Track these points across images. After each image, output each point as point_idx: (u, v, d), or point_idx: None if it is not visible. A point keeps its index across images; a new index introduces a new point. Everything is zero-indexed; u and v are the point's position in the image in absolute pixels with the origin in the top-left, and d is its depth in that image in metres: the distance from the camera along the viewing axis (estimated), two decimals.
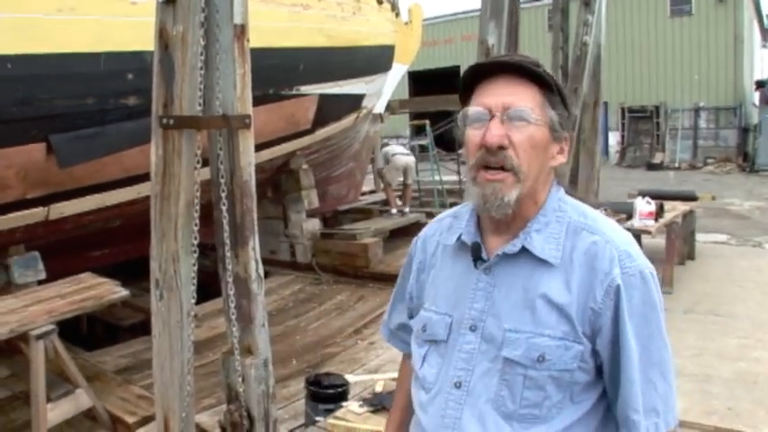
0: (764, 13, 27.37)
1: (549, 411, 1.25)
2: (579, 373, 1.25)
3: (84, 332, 6.92)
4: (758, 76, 24.35)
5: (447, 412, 1.32)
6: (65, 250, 5.90)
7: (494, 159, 1.25)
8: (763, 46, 28.35)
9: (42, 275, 5.27)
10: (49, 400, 3.92)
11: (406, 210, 10.32)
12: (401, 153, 10.50)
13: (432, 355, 1.39)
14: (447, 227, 1.47)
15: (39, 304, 4.18)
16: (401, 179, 10.54)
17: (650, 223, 7.11)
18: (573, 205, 1.35)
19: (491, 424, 1.27)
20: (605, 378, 1.28)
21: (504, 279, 1.31)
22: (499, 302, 1.30)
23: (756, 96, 22.60)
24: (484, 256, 1.34)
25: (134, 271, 6.30)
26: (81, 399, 4.15)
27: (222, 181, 2.52)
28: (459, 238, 1.40)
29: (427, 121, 14.21)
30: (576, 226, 1.30)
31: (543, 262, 1.28)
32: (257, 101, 2.71)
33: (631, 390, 1.23)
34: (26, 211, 4.92)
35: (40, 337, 3.79)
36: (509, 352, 1.27)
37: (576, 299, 1.24)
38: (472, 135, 1.28)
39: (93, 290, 4.48)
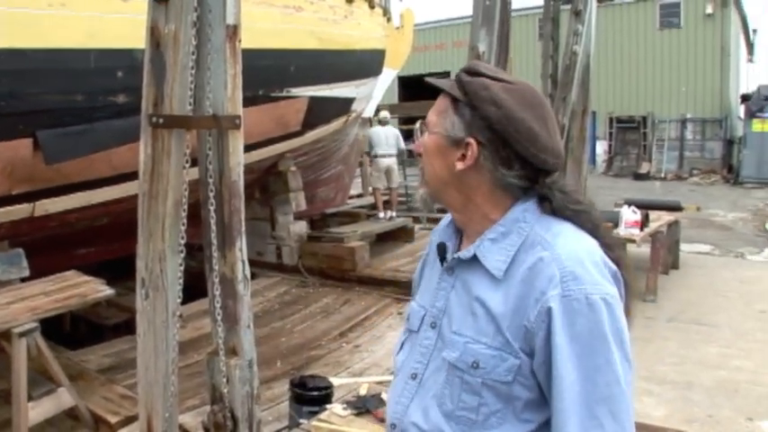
0: (751, 28, 27.63)
1: (488, 419, 1.23)
2: (518, 388, 1.22)
3: (68, 331, 6.86)
4: (743, 90, 24.54)
5: (401, 399, 1.37)
6: (50, 247, 5.86)
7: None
8: (749, 60, 28.60)
9: (26, 272, 5.22)
10: (30, 398, 3.89)
11: (394, 214, 10.32)
12: (383, 155, 10.31)
13: (407, 344, 1.44)
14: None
15: (22, 301, 4.15)
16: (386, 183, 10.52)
17: (636, 232, 7.17)
18: (541, 219, 1.27)
19: (433, 418, 1.29)
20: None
21: (461, 282, 1.33)
22: (453, 304, 1.33)
23: (741, 109, 22.80)
24: (448, 256, 1.37)
25: (119, 269, 6.26)
26: (63, 398, 4.12)
27: (211, 181, 2.52)
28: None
29: (416, 126, 14.23)
30: (533, 240, 1.24)
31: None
32: (247, 101, 2.71)
33: (563, 419, 1.15)
34: (11, 207, 4.88)
35: (22, 334, 3.76)
36: (448, 354, 1.29)
37: (511, 314, 1.22)
38: None
39: (78, 288, 4.45)
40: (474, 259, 1.30)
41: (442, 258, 1.38)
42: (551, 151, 1.25)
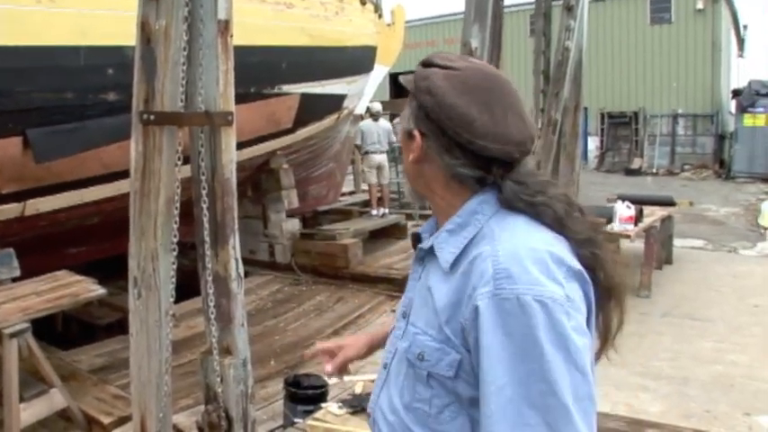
0: (741, 24, 27.74)
1: (441, 413, 1.20)
2: (462, 384, 1.16)
3: (59, 331, 6.82)
4: (734, 85, 24.62)
5: (375, 390, 1.38)
6: (41, 247, 5.81)
7: None
8: (740, 55, 28.71)
9: (17, 272, 5.17)
10: (22, 399, 3.85)
11: (386, 211, 10.29)
12: (374, 151, 10.13)
13: (391, 333, 1.42)
14: None
15: (13, 302, 4.11)
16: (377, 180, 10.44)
17: (630, 227, 7.18)
18: (499, 212, 1.21)
19: (396, 410, 1.28)
20: None
21: (426, 272, 1.30)
22: (417, 294, 1.31)
23: (733, 104, 22.89)
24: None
25: (111, 269, 6.22)
26: (55, 399, 4.09)
27: (203, 178, 2.50)
28: None
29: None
30: (484, 233, 1.19)
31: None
32: (238, 99, 2.68)
33: (490, 425, 1.06)
34: (1, 207, 4.84)
35: (13, 335, 3.72)
36: (400, 344, 1.29)
37: (450, 308, 1.17)
38: None
39: (70, 288, 4.41)
40: (432, 250, 1.27)
41: (416, 248, 1.37)
42: (493, 137, 1.17)
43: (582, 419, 1.04)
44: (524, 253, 1.10)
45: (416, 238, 1.38)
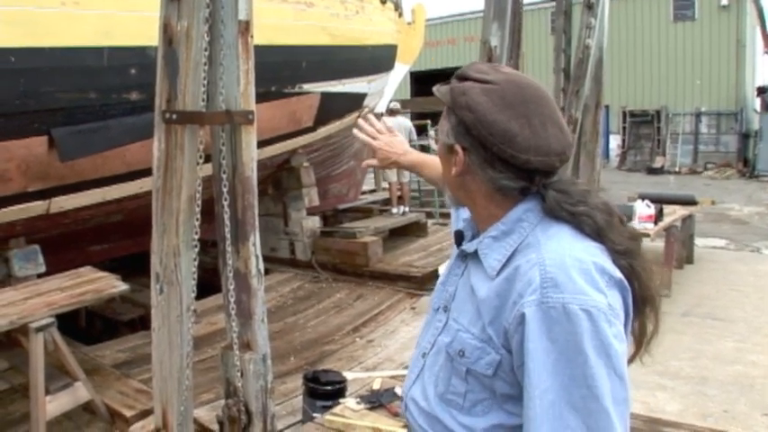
0: (767, 20, 27.34)
1: (474, 406, 1.26)
2: (500, 383, 1.22)
3: (83, 327, 6.93)
4: (759, 83, 24.31)
5: (410, 375, 1.45)
6: (65, 244, 5.90)
7: None
8: (765, 52, 28.31)
9: (42, 269, 5.28)
10: (47, 392, 3.93)
11: (406, 209, 10.31)
12: None
13: (428, 320, 1.47)
14: None
15: (38, 297, 4.19)
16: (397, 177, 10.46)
17: (649, 226, 7.14)
18: (544, 220, 1.25)
19: (429, 398, 1.35)
20: None
21: (469, 271, 1.35)
22: (459, 291, 1.36)
23: (758, 102, 22.61)
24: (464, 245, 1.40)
25: (134, 266, 6.31)
26: (80, 392, 4.17)
27: (224, 176, 2.53)
28: None
29: (429, 122, 14.21)
30: (529, 242, 1.23)
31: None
32: (260, 98, 2.72)
33: (534, 427, 1.11)
34: (27, 205, 4.93)
35: (39, 329, 3.80)
36: (441, 338, 1.35)
37: (494, 311, 1.22)
38: None
39: (93, 284, 4.49)
40: (476, 253, 1.32)
41: (458, 245, 1.42)
42: (535, 150, 1.20)
43: (619, 422, 1.09)
44: (570, 263, 1.14)
45: (459, 236, 1.43)
